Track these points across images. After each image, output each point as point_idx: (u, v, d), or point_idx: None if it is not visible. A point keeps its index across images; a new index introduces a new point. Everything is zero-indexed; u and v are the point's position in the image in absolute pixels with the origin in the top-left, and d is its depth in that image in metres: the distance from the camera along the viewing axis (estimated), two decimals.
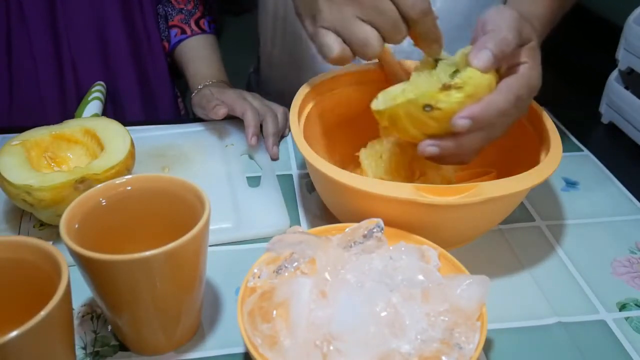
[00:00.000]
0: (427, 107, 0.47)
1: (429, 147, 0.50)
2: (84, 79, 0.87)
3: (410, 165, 0.61)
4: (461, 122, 0.47)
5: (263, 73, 0.96)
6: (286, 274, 0.47)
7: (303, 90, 0.63)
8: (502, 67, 0.51)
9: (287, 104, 0.61)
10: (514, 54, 0.50)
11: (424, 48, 0.55)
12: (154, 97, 0.95)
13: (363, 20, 0.51)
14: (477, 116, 0.48)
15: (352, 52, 0.53)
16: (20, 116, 0.87)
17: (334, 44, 0.53)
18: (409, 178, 0.61)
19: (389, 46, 0.67)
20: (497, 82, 0.50)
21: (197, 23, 0.92)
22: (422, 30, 0.53)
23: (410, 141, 0.53)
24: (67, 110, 0.88)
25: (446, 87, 0.47)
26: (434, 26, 0.53)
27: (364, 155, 0.62)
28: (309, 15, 0.55)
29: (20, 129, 0.63)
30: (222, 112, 0.73)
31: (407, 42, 0.55)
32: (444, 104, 0.47)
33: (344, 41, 0.53)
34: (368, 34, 0.51)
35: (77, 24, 0.85)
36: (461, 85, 0.47)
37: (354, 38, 0.52)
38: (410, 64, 0.68)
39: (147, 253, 0.41)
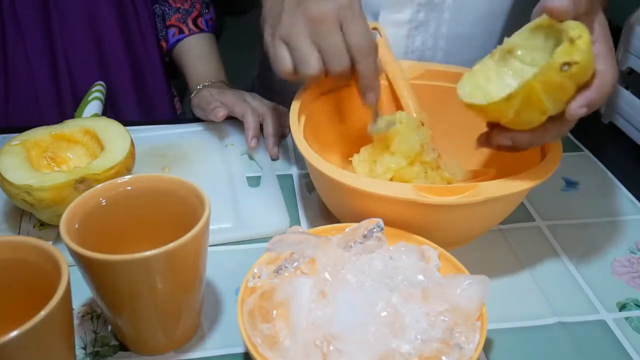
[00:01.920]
0: (565, 66, 0.45)
1: (505, 139, 0.51)
2: (79, 79, 0.87)
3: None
4: (581, 110, 0.47)
5: (265, 76, 0.96)
6: (286, 274, 0.47)
7: (303, 91, 0.63)
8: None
9: (290, 104, 0.61)
10: (590, 26, 0.48)
11: (360, 94, 0.58)
12: (150, 97, 0.95)
13: (312, 42, 0.54)
14: (593, 101, 0.47)
15: (293, 67, 0.56)
16: (17, 116, 0.87)
17: (286, 58, 0.56)
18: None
19: (390, 45, 0.68)
20: None
21: (194, 22, 0.92)
22: (361, 71, 0.56)
23: (521, 127, 0.50)
24: (62, 110, 0.88)
25: (571, 40, 0.45)
26: (373, 71, 0.56)
27: (357, 160, 0.63)
28: (271, 24, 0.58)
29: (20, 129, 0.63)
30: (221, 114, 0.73)
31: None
32: (578, 56, 0.45)
33: (290, 53, 0.56)
34: (310, 54, 0.54)
35: (71, 24, 0.85)
36: (580, 34, 0.45)
37: (297, 52, 0.55)
38: (408, 64, 0.68)
39: (147, 253, 0.41)
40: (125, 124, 0.63)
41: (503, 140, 0.52)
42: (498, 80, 0.52)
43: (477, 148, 0.55)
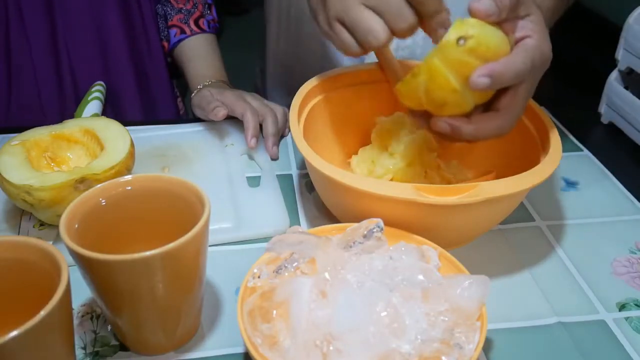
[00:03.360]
0: (461, 41, 0.46)
1: (442, 123, 0.50)
2: (82, 79, 0.87)
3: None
4: (481, 80, 0.46)
5: (269, 72, 0.96)
6: (286, 274, 0.47)
7: (303, 91, 0.63)
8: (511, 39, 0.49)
9: (291, 102, 0.61)
10: (517, 26, 0.49)
11: (431, 34, 0.54)
12: (153, 97, 0.95)
13: (367, 7, 0.51)
14: (496, 73, 0.46)
15: (358, 43, 0.53)
16: (19, 116, 0.87)
17: (349, 40, 0.53)
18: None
19: (388, 46, 0.68)
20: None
21: (196, 22, 0.92)
22: (428, 11, 0.51)
23: (446, 110, 0.51)
24: (65, 110, 0.88)
25: (460, 19, 0.46)
26: (441, 6, 0.52)
27: (355, 162, 0.63)
28: (320, 11, 0.55)
29: (20, 129, 0.63)
30: (221, 114, 0.73)
31: (411, 38, 0.55)
32: (473, 29, 0.46)
33: (349, 30, 0.52)
34: (371, 23, 0.51)
35: (76, 24, 0.85)
36: (466, 19, 0.47)
37: (358, 28, 0.51)
38: (409, 63, 0.68)
39: (147, 253, 0.41)
40: (125, 123, 0.63)
41: (441, 126, 0.51)
42: None
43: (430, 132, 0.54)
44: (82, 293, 0.51)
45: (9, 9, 0.82)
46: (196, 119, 0.80)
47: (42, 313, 0.37)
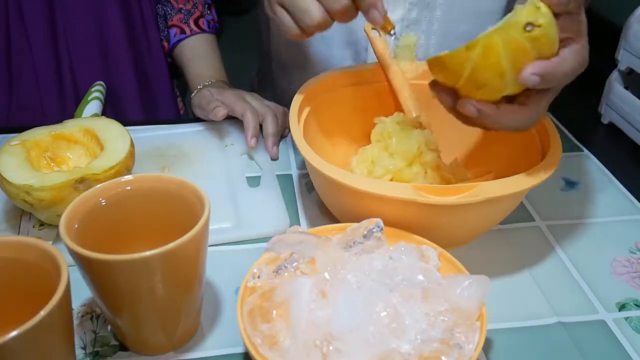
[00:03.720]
0: (529, 27, 0.45)
1: (469, 106, 0.50)
2: (82, 79, 0.87)
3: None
4: (532, 77, 0.46)
5: (265, 73, 0.96)
6: (286, 274, 0.47)
7: (303, 91, 0.63)
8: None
9: (290, 103, 0.61)
10: (569, 26, 0.48)
11: (365, 16, 0.54)
12: (154, 96, 0.95)
13: None
14: (548, 73, 0.46)
15: (295, 23, 0.53)
16: (19, 116, 0.87)
17: (288, 21, 0.53)
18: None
19: (389, 46, 0.68)
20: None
21: (196, 22, 0.92)
22: None
23: (479, 95, 0.50)
24: (65, 110, 0.88)
25: (536, 5, 0.45)
26: None
27: (355, 162, 0.63)
28: None
29: (20, 129, 0.63)
30: (221, 113, 0.73)
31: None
32: (542, 19, 0.45)
33: (288, 12, 0.53)
34: (308, 3, 0.51)
35: (76, 23, 0.85)
36: (542, 5, 0.45)
37: (295, 8, 0.52)
38: (408, 63, 0.68)
39: (147, 253, 0.41)
40: (125, 123, 0.63)
41: (470, 109, 0.50)
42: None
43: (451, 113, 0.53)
44: (82, 293, 0.51)
45: (10, 9, 0.82)
46: (196, 119, 0.80)
47: (42, 313, 0.37)
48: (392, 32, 0.56)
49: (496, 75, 0.47)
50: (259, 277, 0.47)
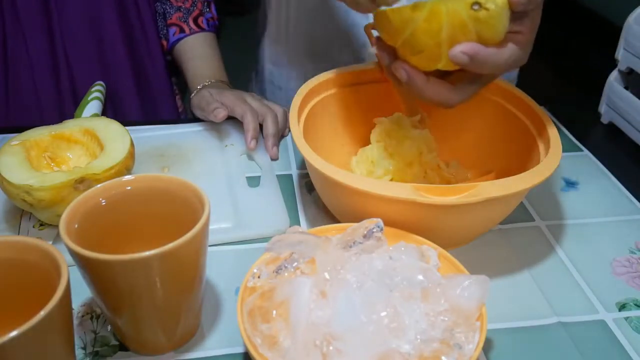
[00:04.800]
0: (475, 5, 0.46)
1: (401, 70, 0.51)
2: (80, 79, 0.87)
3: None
4: (461, 56, 0.47)
5: (264, 74, 0.96)
6: (286, 274, 0.47)
7: (303, 91, 0.63)
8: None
9: (289, 104, 0.61)
10: (521, 20, 0.49)
11: None
12: (152, 96, 0.95)
13: None
14: (478, 56, 0.47)
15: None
16: (17, 116, 0.87)
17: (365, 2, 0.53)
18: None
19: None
20: None
21: (195, 21, 0.92)
22: None
23: (413, 61, 0.51)
24: (63, 110, 0.88)
25: None
26: None
27: (355, 162, 0.63)
28: None
29: (20, 129, 0.63)
30: (221, 115, 0.73)
31: None
32: (492, 4, 0.46)
33: None
34: None
35: (72, 23, 0.85)
36: None
37: None
38: None
39: (147, 253, 0.41)
40: (125, 123, 0.63)
41: (401, 72, 0.51)
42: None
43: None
44: (82, 293, 0.51)
45: (5, 9, 0.82)
46: (196, 119, 0.80)
47: (42, 313, 0.37)
48: None
49: (434, 43, 0.48)
50: (259, 277, 0.47)
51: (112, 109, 0.89)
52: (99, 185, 0.49)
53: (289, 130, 0.78)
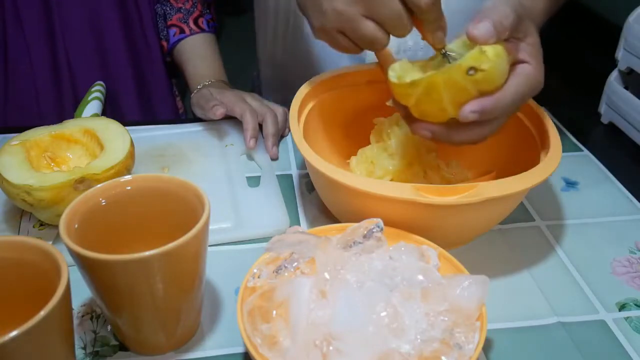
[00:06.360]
0: (471, 70, 0.47)
1: (422, 130, 0.52)
2: (80, 79, 0.87)
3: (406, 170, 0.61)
4: (470, 115, 0.48)
5: (264, 74, 0.96)
6: (286, 274, 0.47)
7: (303, 90, 0.63)
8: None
9: (289, 104, 0.61)
10: (517, 48, 0.51)
11: (429, 37, 0.55)
12: (152, 96, 0.95)
13: (367, 17, 0.52)
14: (486, 110, 0.49)
15: (356, 45, 0.54)
16: (17, 116, 0.87)
17: (349, 46, 0.55)
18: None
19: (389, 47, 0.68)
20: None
21: (195, 22, 0.92)
22: (429, 19, 0.52)
23: (427, 119, 0.52)
24: (63, 110, 0.88)
25: (481, 49, 0.47)
26: (440, 13, 0.53)
27: (354, 162, 0.63)
28: (314, 14, 0.55)
29: (20, 129, 0.64)
30: (220, 112, 0.73)
31: (411, 39, 0.55)
32: (486, 64, 0.47)
33: (350, 39, 0.54)
34: (374, 32, 0.52)
35: (73, 24, 0.85)
36: (486, 50, 0.48)
37: (361, 38, 0.53)
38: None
39: (147, 253, 0.41)
40: (125, 123, 0.63)
41: (422, 132, 0.53)
42: (419, 71, 0.54)
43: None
44: (82, 293, 0.51)
45: (6, 9, 0.82)
46: (196, 119, 0.80)
47: (42, 313, 0.37)
48: (444, 50, 0.56)
49: (437, 110, 0.50)
50: (259, 277, 0.47)
51: (112, 109, 0.89)
52: (99, 185, 0.49)
53: (289, 130, 0.78)
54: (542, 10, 0.64)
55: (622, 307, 0.54)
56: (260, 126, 0.75)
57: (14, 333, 0.35)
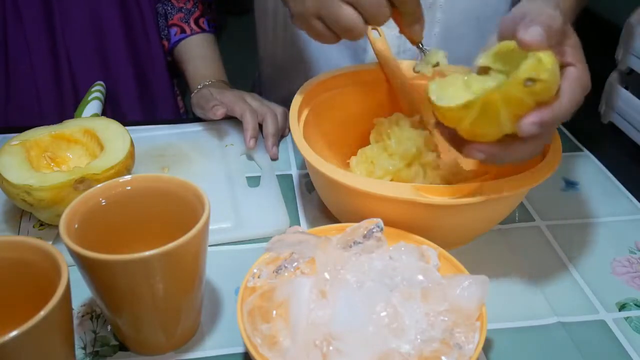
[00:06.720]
0: (529, 82, 0.44)
1: (478, 153, 0.49)
2: (81, 79, 0.87)
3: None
4: (531, 128, 0.45)
5: (265, 74, 0.96)
6: (286, 274, 0.47)
7: (303, 90, 0.63)
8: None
9: (289, 105, 0.61)
10: (561, 52, 0.48)
11: (406, 30, 0.55)
12: (153, 96, 0.95)
13: (346, 3, 0.51)
14: (546, 121, 0.45)
15: (332, 33, 0.54)
16: (17, 116, 0.87)
17: (326, 34, 0.54)
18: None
19: (388, 47, 0.68)
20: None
21: (196, 22, 0.92)
22: (407, 10, 0.53)
23: (479, 139, 0.49)
24: (64, 110, 0.88)
25: (539, 58, 0.44)
26: (418, 5, 0.53)
27: (354, 162, 0.63)
28: (292, 1, 0.55)
29: (20, 129, 0.64)
30: (220, 112, 0.73)
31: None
32: (544, 74, 0.44)
33: (327, 25, 0.53)
34: (351, 19, 0.51)
35: (74, 23, 0.85)
36: (545, 55, 0.44)
37: (338, 24, 0.52)
38: (408, 63, 0.68)
39: (147, 253, 0.41)
40: (125, 123, 0.63)
41: (476, 155, 0.49)
42: (464, 89, 0.50)
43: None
44: (82, 293, 0.51)
45: (7, 9, 0.82)
46: (196, 119, 0.80)
47: (42, 313, 0.37)
48: (420, 44, 0.56)
49: (495, 127, 0.47)
50: (259, 277, 0.47)
51: (112, 109, 0.89)
52: (99, 185, 0.49)
53: (289, 130, 0.78)
54: (570, 8, 0.63)
55: (622, 307, 0.54)
56: (260, 126, 0.75)
57: (14, 333, 0.35)
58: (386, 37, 0.67)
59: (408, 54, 0.78)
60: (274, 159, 0.73)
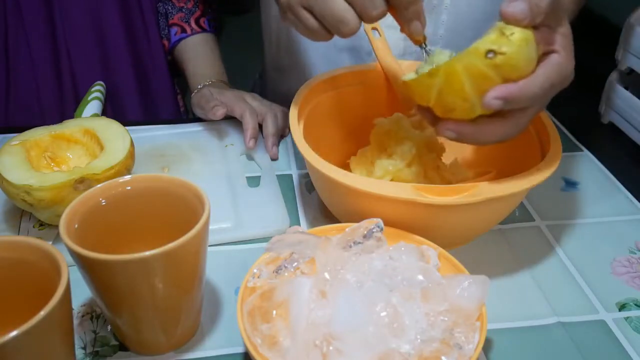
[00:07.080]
0: (490, 53, 0.44)
1: (447, 131, 0.49)
2: (82, 78, 0.87)
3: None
4: (494, 102, 0.45)
5: (269, 76, 0.96)
6: (286, 274, 0.47)
7: (303, 91, 0.63)
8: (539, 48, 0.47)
9: (290, 105, 0.61)
10: (549, 38, 0.47)
11: (405, 28, 0.53)
12: (154, 95, 0.95)
13: None
14: (512, 97, 0.45)
15: (327, 30, 0.51)
16: (17, 116, 0.87)
17: (315, 26, 0.51)
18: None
19: (388, 47, 0.68)
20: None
21: (197, 22, 0.92)
22: (402, 3, 0.50)
23: (452, 114, 0.49)
24: (65, 110, 0.88)
25: (502, 31, 0.45)
26: (413, 2, 0.50)
27: (354, 163, 0.63)
28: None
29: (20, 129, 0.64)
30: (220, 112, 0.73)
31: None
32: (506, 47, 0.44)
33: (317, 18, 0.50)
34: (343, 11, 0.48)
35: (75, 23, 0.85)
36: (514, 32, 0.45)
37: (329, 16, 0.49)
38: (409, 64, 0.68)
39: (147, 253, 0.41)
40: (126, 123, 0.63)
41: (447, 133, 0.50)
42: (431, 65, 0.50)
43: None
44: (82, 293, 0.51)
45: (7, 8, 0.82)
46: (196, 119, 0.80)
47: (42, 313, 0.37)
48: (423, 44, 0.54)
49: (461, 100, 0.47)
50: (259, 277, 0.47)
51: (113, 108, 0.89)
52: (99, 185, 0.49)
53: (289, 130, 0.78)
54: (572, 0, 0.62)
55: (622, 307, 0.54)
56: (260, 126, 0.75)
57: (14, 333, 0.35)
58: (391, 38, 0.67)
59: (414, 56, 0.78)
60: (274, 159, 0.73)
